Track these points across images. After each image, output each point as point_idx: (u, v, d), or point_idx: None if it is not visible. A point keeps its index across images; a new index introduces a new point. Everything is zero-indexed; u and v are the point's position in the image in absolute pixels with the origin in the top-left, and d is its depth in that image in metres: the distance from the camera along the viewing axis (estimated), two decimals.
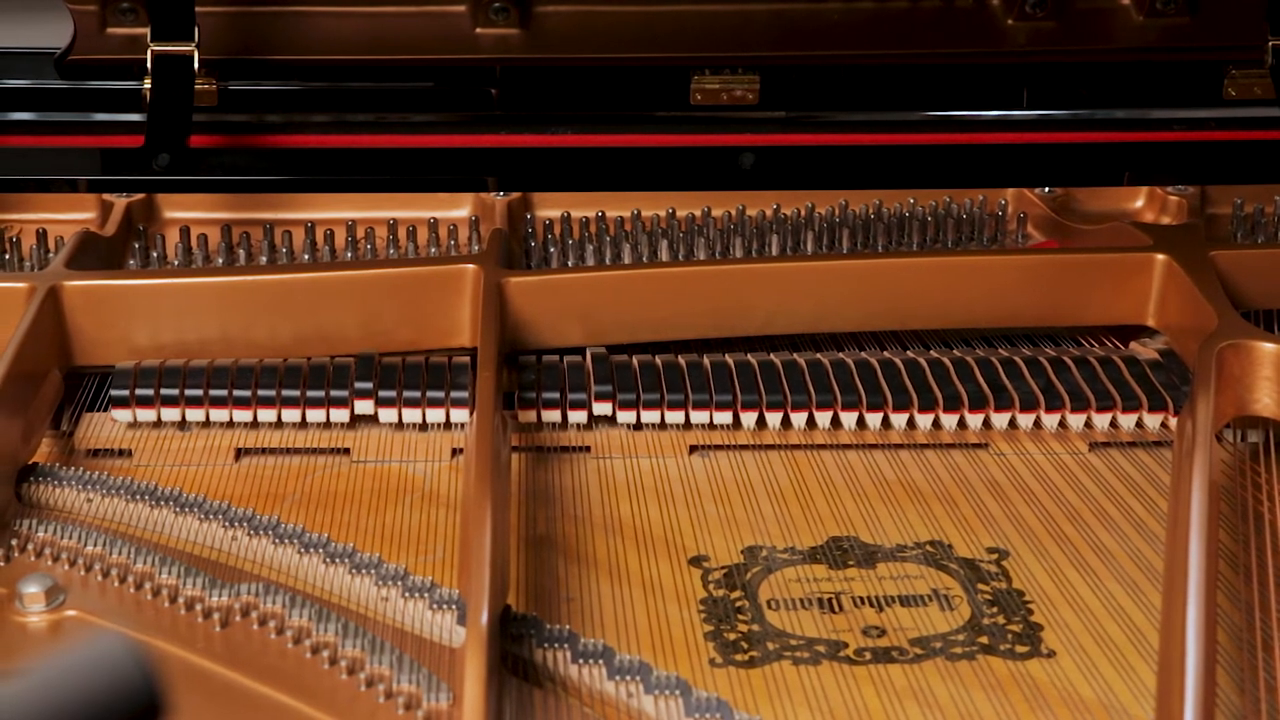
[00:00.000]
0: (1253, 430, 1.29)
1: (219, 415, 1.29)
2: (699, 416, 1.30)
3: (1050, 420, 1.31)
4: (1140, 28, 1.67)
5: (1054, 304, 1.42)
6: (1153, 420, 1.31)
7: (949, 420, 1.31)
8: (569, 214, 1.59)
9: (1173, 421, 1.30)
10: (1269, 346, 1.23)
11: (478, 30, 1.63)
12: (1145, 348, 1.40)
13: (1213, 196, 1.63)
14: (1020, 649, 1.04)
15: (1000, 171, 1.65)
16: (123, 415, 1.29)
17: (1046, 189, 1.63)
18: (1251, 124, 1.66)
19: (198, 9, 1.53)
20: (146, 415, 1.29)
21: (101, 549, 1.09)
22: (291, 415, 1.29)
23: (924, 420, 1.31)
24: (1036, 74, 1.70)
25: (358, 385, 1.29)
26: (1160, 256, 1.40)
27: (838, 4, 1.64)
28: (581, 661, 0.99)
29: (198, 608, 1.04)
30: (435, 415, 1.29)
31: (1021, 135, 1.68)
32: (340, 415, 1.29)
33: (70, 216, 1.57)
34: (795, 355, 1.36)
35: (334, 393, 1.29)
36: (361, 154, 1.62)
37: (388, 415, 1.29)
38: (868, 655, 1.03)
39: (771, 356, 1.35)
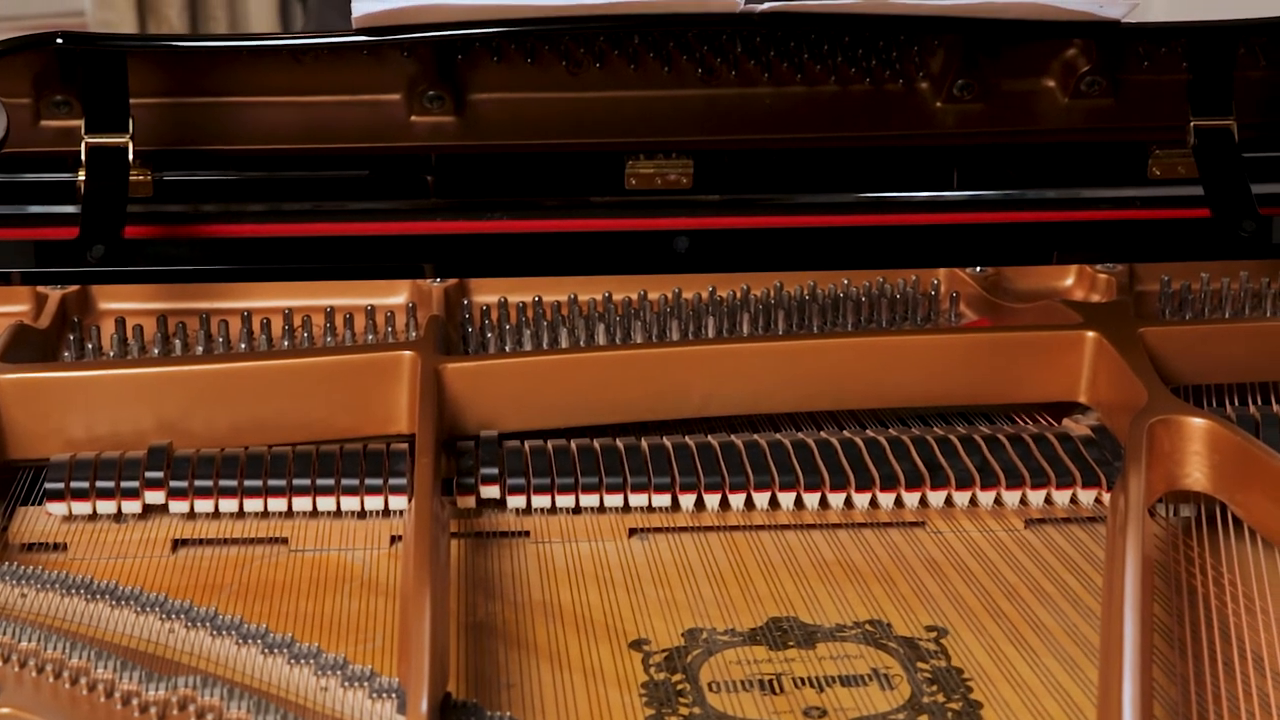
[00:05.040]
0: (1185, 505, 1.30)
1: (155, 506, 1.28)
2: (638, 499, 1.30)
3: (986, 498, 1.32)
4: (1066, 109, 1.70)
5: (987, 382, 1.43)
6: (1087, 496, 1.32)
7: (886, 499, 1.31)
8: (506, 299, 1.59)
9: (1106, 497, 1.31)
10: (1198, 422, 1.25)
11: (413, 118, 1.64)
12: (1078, 424, 1.42)
13: (1141, 274, 1.66)
14: None
15: (932, 252, 1.67)
16: (57, 509, 1.28)
17: (978, 268, 1.65)
18: (1176, 202, 1.68)
19: (132, 100, 1.53)
20: (81, 508, 1.28)
21: (36, 644, 1.08)
22: (229, 505, 1.29)
23: (861, 500, 1.31)
24: (965, 155, 1.72)
25: (295, 475, 1.29)
26: (1090, 334, 1.42)
27: (769, 89, 1.66)
28: None
29: (134, 702, 1.03)
30: (374, 503, 1.29)
31: (952, 216, 1.70)
32: (278, 504, 1.29)
33: (3, 309, 1.56)
34: (733, 437, 1.37)
35: (271, 482, 1.29)
36: (298, 242, 1.62)
37: (326, 504, 1.29)
38: None
39: (709, 438, 1.36)
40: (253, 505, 1.29)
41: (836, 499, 1.31)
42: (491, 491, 1.30)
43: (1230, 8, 1.68)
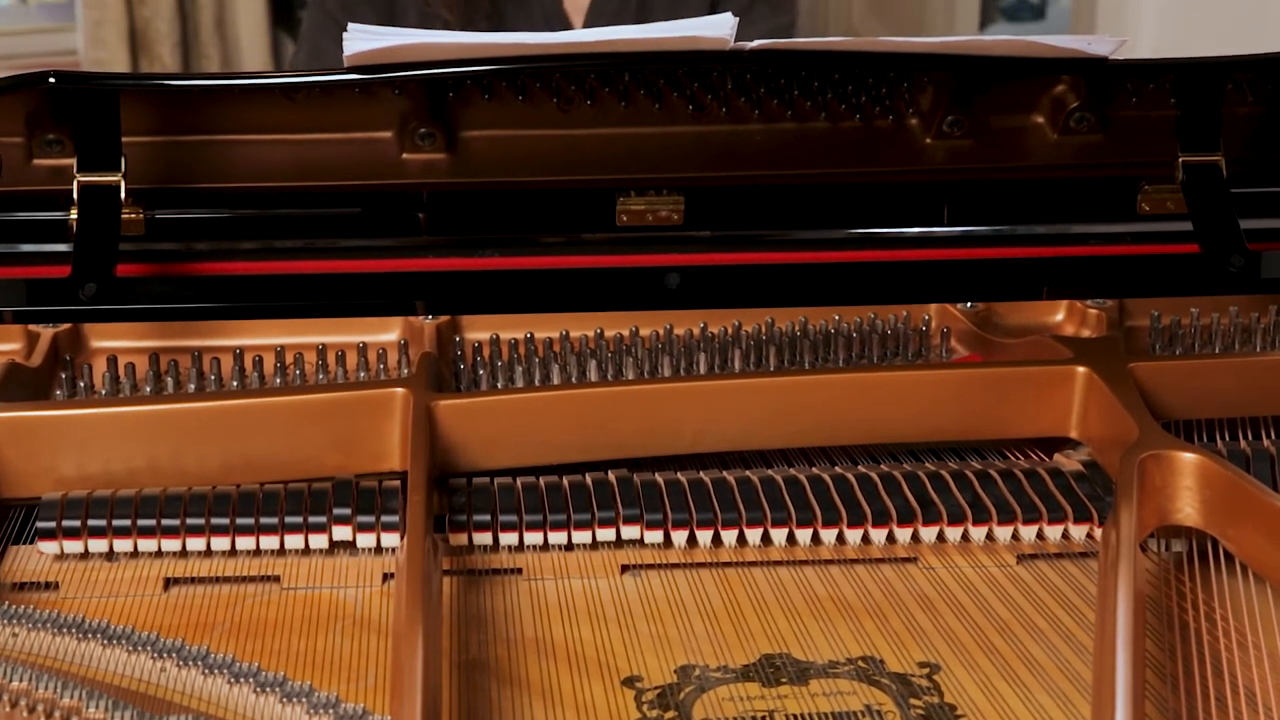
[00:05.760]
0: (1176, 539, 1.31)
1: (147, 545, 1.28)
2: (630, 536, 1.30)
3: (978, 533, 1.32)
4: (1055, 145, 1.71)
5: (979, 418, 1.43)
6: (1078, 531, 1.33)
7: (878, 535, 1.31)
8: (498, 336, 1.60)
9: (1098, 532, 1.32)
10: (1189, 456, 1.25)
11: (404, 156, 1.64)
12: (1069, 459, 1.42)
13: (1130, 309, 1.66)
14: None
15: (923, 287, 1.67)
16: (49, 547, 1.28)
17: (969, 304, 1.65)
18: (1165, 238, 1.69)
19: (124, 139, 1.54)
20: (73, 547, 1.28)
21: (28, 684, 1.07)
22: (221, 543, 1.28)
23: (853, 535, 1.32)
24: (956, 191, 1.73)
25: (287, 512, 1.29)
26: (1081, 369, 1.42)
27: (759, 126, 1.67)
28: None
29: None
30: (366, 539, 1.29)
31: (942, 251, 1.70)
32: (270, 542, 1.29)
33: None
34: (725, 473, 1.37)
35: (263, 520, 1.29)
36: (290, 280, 1.62)
37: (318, 541, 1.29)
38: None
39: (701, 475, 1.36)
40: (245, 543, 1.29)
41: (829, 535, 1.31)
42: (484, 538, 1.30)
43: (1217, 44, 1.70)
